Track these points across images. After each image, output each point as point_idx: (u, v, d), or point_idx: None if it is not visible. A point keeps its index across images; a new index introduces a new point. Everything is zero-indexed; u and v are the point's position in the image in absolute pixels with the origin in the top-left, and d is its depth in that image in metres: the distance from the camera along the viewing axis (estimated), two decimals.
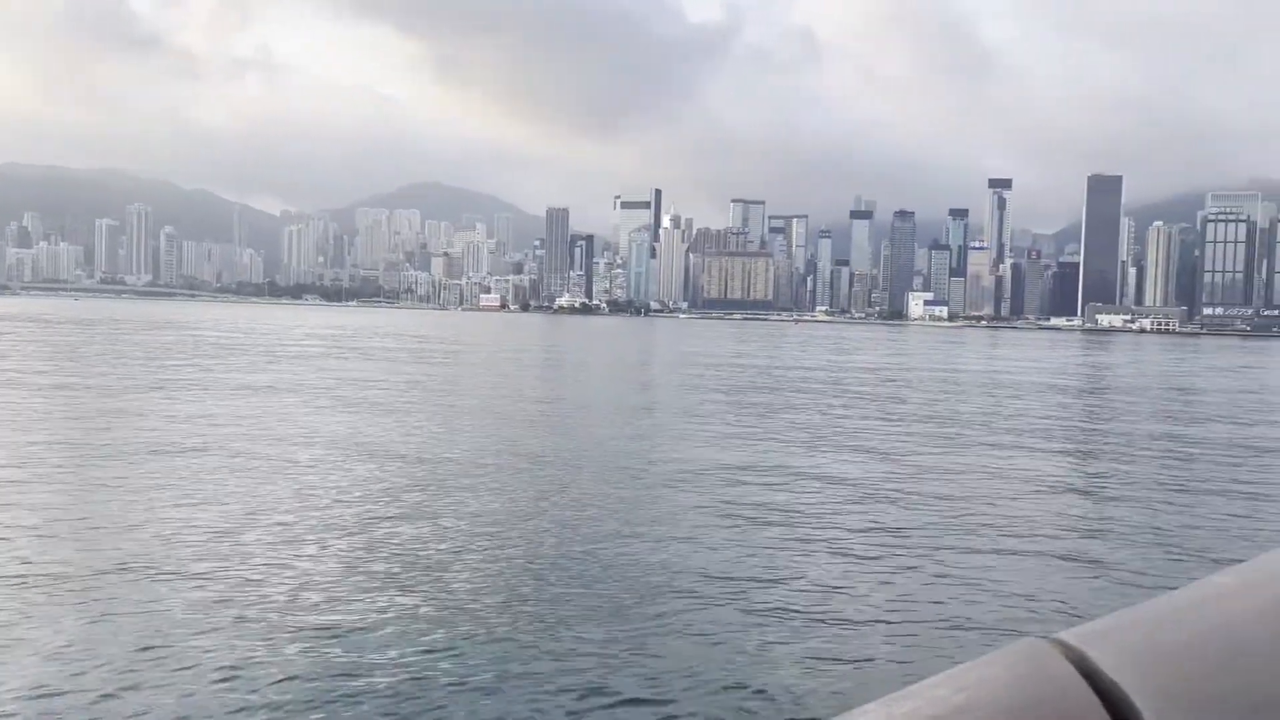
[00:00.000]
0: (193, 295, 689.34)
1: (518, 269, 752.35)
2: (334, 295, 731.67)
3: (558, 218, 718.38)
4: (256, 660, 13.59)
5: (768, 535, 22.22)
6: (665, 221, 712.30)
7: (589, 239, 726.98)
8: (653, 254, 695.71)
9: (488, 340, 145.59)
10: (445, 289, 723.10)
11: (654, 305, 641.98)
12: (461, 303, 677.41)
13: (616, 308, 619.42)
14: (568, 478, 28.68)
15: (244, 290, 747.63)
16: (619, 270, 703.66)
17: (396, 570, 18.31)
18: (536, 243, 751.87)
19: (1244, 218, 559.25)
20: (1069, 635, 1.40)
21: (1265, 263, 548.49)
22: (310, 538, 20.63)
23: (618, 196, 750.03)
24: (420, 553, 19.61)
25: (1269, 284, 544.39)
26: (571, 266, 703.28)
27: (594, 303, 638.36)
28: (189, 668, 13.28)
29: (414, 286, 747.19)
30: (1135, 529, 24.37)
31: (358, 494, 25.59)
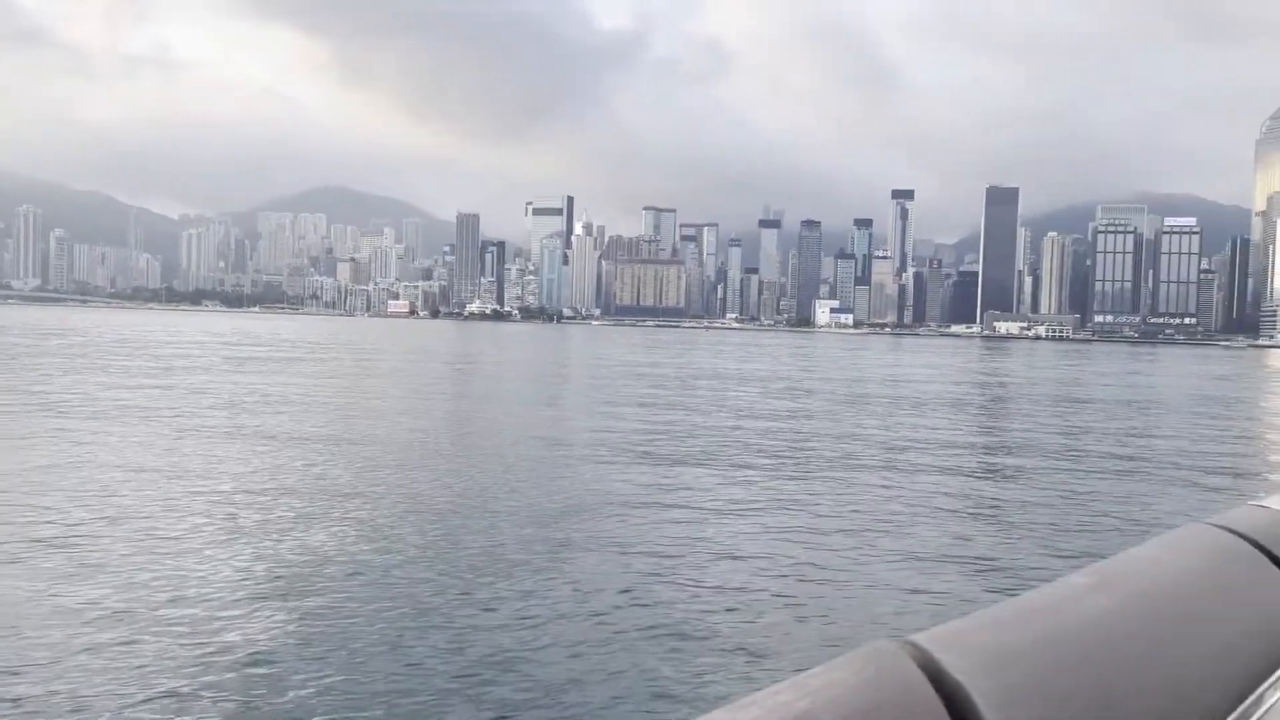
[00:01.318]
0: (84, 300, 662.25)
1: (427, 275, 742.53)
2: (235, 301, 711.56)
3: (468, 223, 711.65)
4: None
5: (652, 537, 22.17)
6: (578, 228, 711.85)
7: (500, 245, 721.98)
8: (565, 261, 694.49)
9: (389, 346, 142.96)
10: (352, 295, 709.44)
11: (567, 312, 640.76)
12: (369, 309, 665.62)
13: (529, 314, 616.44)
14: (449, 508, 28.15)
15: (140, 296, 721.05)
16: (531, 277, 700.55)
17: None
18: (446, 248, 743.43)
19: (1131, 229, 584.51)
20: (920, 637, 1.40)
21: (1151, 272, 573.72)
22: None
23: (529, 203, 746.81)
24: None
25: (1155, 293, 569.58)
26: (483, 273, 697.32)
27: (506, 309, 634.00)
28: None
29: (319, 292, 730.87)
30: (1015, 529, 25.00)
31: (182, 541, 24.66)
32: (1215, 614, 1.94)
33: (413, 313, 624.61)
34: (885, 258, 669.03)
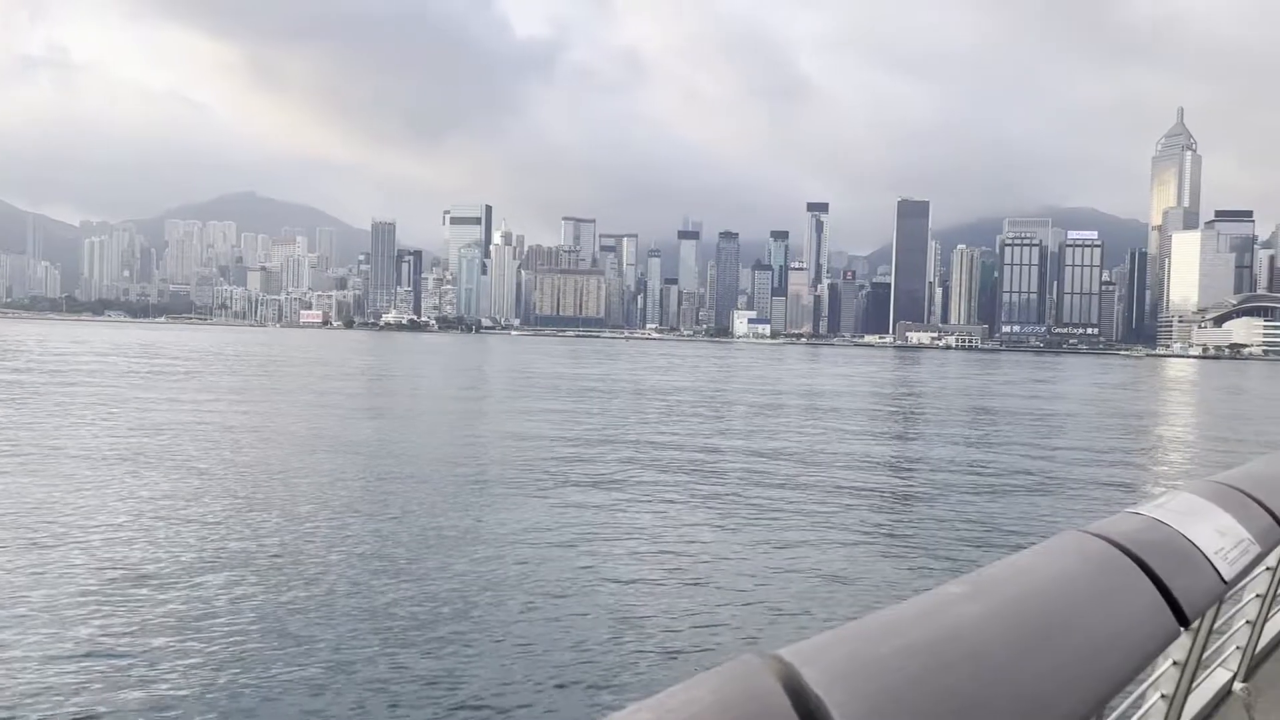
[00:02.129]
0: None
1: (341, 284, 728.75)
2: (140, 311, 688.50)
3: (384, 232, 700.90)
4: None
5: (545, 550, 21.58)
6: (496, 238, 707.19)
7: (417, 254, 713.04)
8: (484, 270, 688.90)
9: (298, 357, 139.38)
10: (263, 305, 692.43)
11: (485, 322, 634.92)
12: (281, 319, 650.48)
13: (446, 324, 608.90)
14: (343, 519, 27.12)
15: (38, 305, 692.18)
16: (449, 286, 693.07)
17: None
18: (361, 257, 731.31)
19: (1036, 242, 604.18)
20: (787, 651, 1.40)
21: (1055, 284, 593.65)
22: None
23: (447, 211, 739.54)
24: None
25: (1059, 304, 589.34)
26: (399, 282, 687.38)
27: (423, 319, 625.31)
28: None
29: (229, 302, 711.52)
30: (909, 543, 25.05)
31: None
32: (1082, 620, 1.98)
33: (326, 323, 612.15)
34: (801, 269, 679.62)
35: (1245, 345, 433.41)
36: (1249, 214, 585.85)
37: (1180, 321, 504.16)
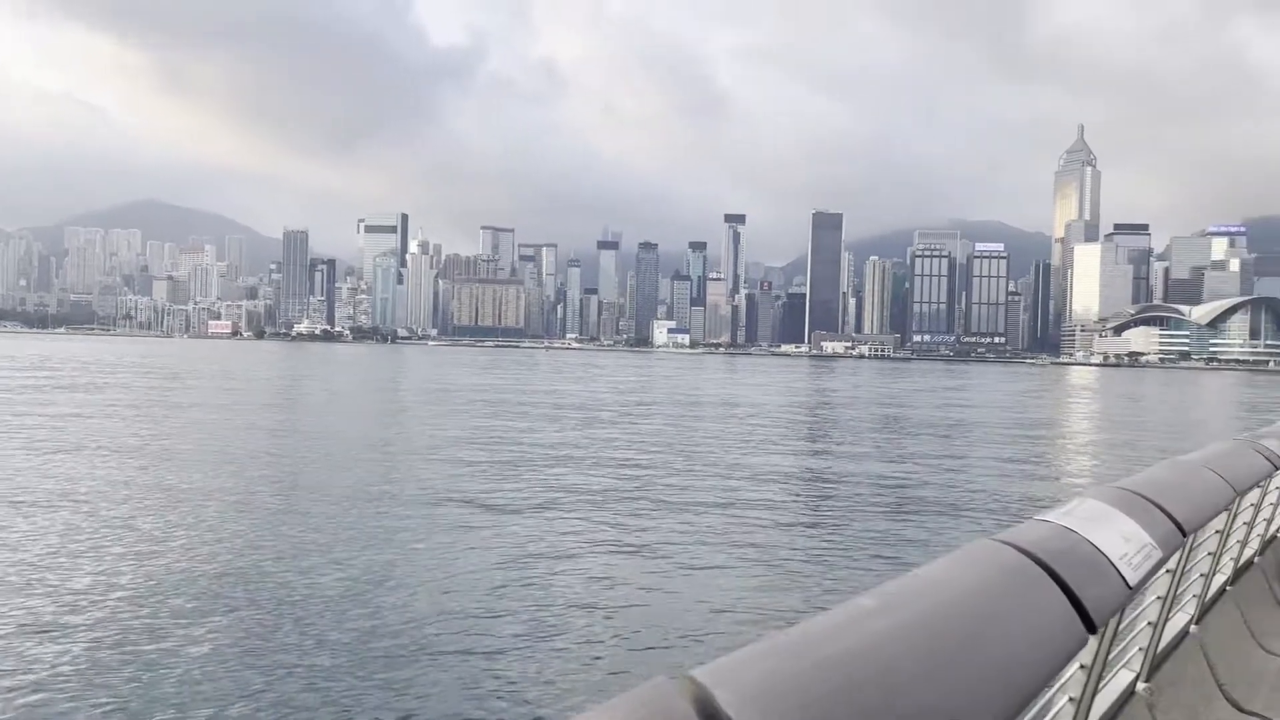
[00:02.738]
0: None
1: (252, 294, 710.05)
2: (39, 322, 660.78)
3: (296, 240, 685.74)
4: None
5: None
6: (413, 247, 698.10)
7: (331, 263, 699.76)
8: (400, 280, 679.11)
9: (204, 369, 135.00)
10: (170, 315, 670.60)
11: (401, 332, 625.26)
12: (188, 330, 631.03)
13: (361, 334, 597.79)
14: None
15: None
16: (364, 296, 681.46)
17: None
18: (273, 266, 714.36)
19: (945, 254, 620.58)
20: (700, 671, 1.39)
21: (964, 294, 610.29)
22: None
23: (362, 220, 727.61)
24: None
25: (967, 314, 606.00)
26: (312, 292, 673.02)
27: (336, 329, 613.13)
28: None
29: (133, 312, 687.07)
30: (813, 558, 25.02)
31: None
32: (992, 631, 2.01)
33: (236, 333, 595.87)
34: (719, 279, 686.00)
35: (1143, 353, 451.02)
36: (1145, 227, 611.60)
37: (1082, 331, 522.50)
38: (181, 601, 18.17)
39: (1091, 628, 2.54)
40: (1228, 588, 6.78)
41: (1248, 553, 7.48)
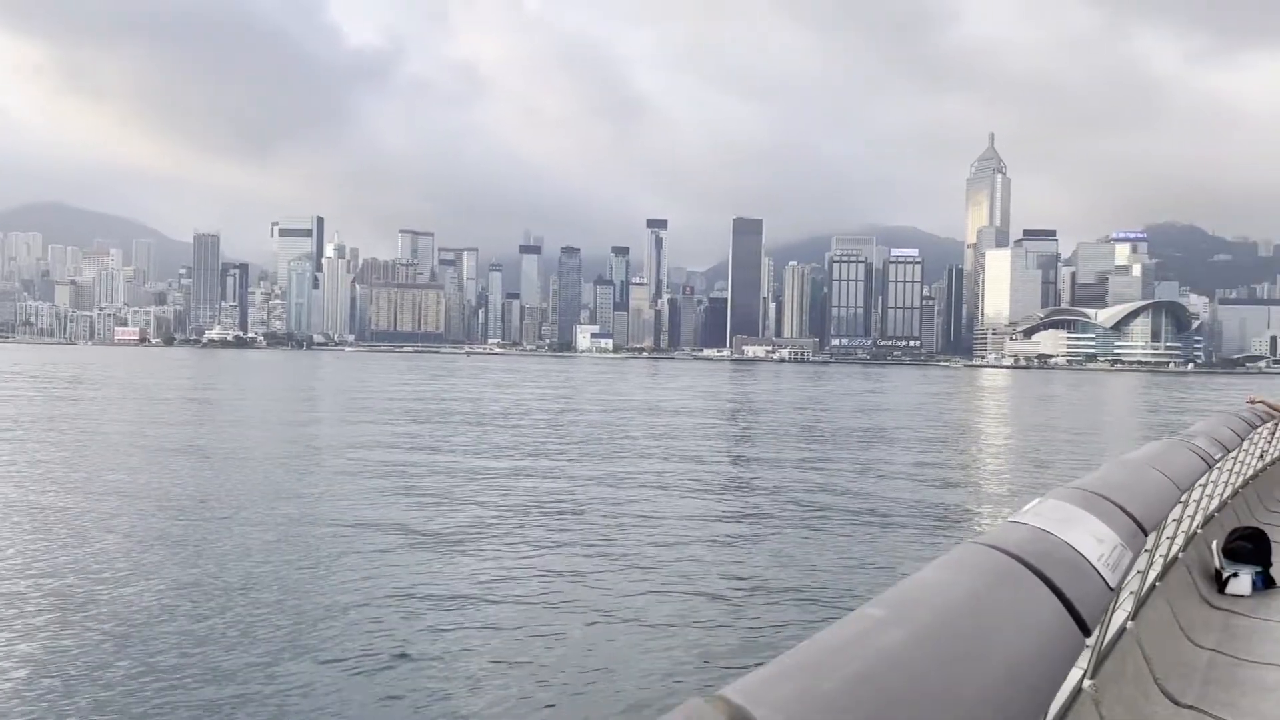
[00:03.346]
0: None
1: (160, 299, 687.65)
2: None
3: (207, 244, 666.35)
4: None
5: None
6: (329, 251, 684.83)
7: (243, 268, 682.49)
8: (315, 284, 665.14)
9: (105, 377, 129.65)
10: (73, 321, 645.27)
11: (317, 338, 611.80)
12: (93, 336, 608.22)
13: (275, 341, 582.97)
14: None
15: None
16: (278, 301, 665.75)
17: None
18: (183, 271, 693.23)
19: (862, 259, 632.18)
20: (731, 691, 1.38)
21: (880, 299, 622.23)
22: None
23: (275, 223, 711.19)
24: None
25: (884, 318, 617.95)
26: (224, 297, 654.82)
27: (250, 336, 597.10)
28: None
29: (34, 319, 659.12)
30: (779, 564, 24.55)
31: None
32: (1000, 637, 2.02)
33: (144, 340, 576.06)
34: (642, 284, 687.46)
35: (1052, 355, 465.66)
36: (1053, 233, 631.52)
37: (994, 334, 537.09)
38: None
39: (1086, 632, 2.55)
40: (1157, 584, 6.88)
41: (1174, 549, 7.59)
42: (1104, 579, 3.01)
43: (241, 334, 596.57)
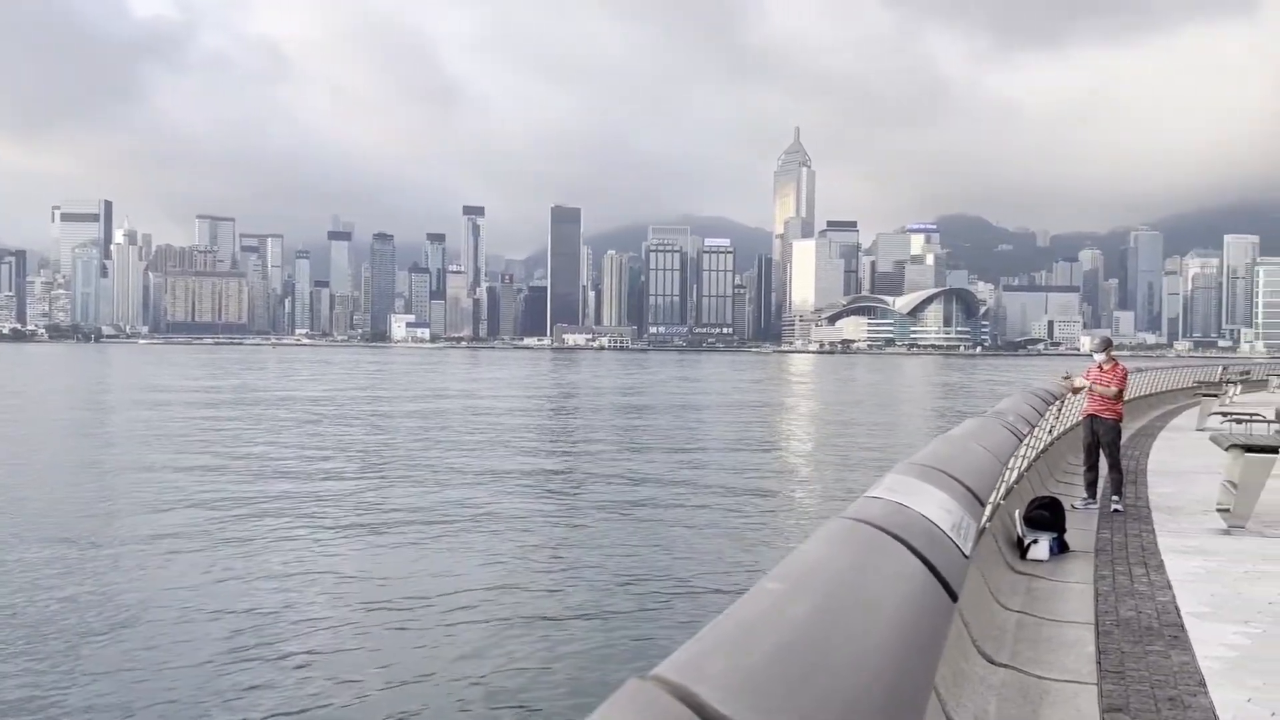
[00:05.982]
0: None
1: None
2: None
3: None
4: None
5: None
6: (118, 237, 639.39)
7: (20, 254, 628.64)
8: (104, 273, 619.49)
9: None
10: None
11: (107, 330, 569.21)
12: None
13: (59, 333, 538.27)
14: None
15: None
16: (61, 291, 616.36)
17: None
18: None
19: (677, 249, 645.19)
20: (667, 670, 1.40)
21: (695, 287, 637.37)
22: None
23: (56, 207, 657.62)
24: None
25: (698, 306, 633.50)
26: None
27: (29, 328, 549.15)
28: None
29: None
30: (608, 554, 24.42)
31: None
32: (889, 605, 2.12)
33: None
34: (459, 272, 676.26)
35: (854, 341, 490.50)
36: (854, 224, 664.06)
37: (801, 321, 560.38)
38: None
39: (954, 598, 2.67)
40: None
41: (984, 519, 7.97)
42: (959, 548, 3.17)
43: (19, 326, 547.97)
